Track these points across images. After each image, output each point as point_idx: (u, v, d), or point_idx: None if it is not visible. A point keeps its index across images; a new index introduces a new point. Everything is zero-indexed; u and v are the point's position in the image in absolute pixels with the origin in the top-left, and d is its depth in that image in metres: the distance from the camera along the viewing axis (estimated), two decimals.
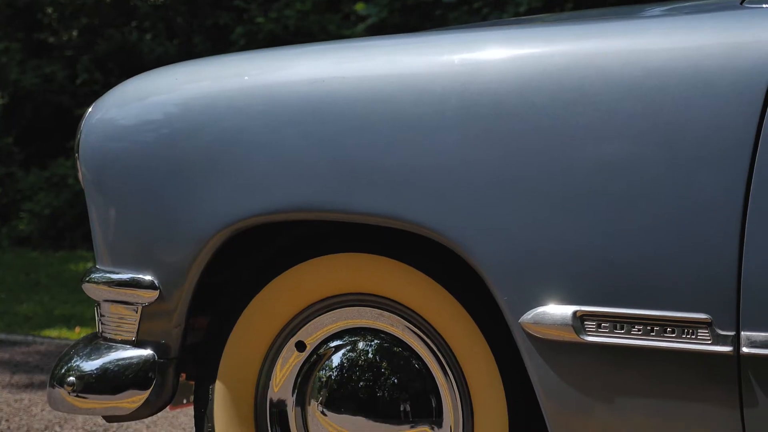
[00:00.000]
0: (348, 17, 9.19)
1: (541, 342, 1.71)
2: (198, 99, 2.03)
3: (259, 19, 9.03)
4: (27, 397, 3.81)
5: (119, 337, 2.12)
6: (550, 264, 1.70)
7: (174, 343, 2.08)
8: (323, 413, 2.00)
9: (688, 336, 1.61)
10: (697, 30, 1.66)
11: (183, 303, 2.04)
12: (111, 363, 2.10)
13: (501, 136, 1.73)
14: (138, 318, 2.08)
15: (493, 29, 1.99)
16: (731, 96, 1.58)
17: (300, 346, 2.04)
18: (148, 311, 2.07)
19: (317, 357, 2.02)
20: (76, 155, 2.18)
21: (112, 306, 2.12)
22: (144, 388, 2.08)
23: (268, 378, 2.07)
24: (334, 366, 2.00)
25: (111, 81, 9.13)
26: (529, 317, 1.71)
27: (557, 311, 1.69)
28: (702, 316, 1.60)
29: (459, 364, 1.91)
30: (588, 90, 1.67)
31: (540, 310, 1.70)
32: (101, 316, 2.15)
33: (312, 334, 2.03)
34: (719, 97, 1.59)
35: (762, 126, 1.56)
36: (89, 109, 2.18)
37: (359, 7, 8.38)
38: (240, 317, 2.07)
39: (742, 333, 1.58)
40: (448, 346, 1.91)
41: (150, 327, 2.08)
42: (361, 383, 1.97)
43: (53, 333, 5.32)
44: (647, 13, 1.93)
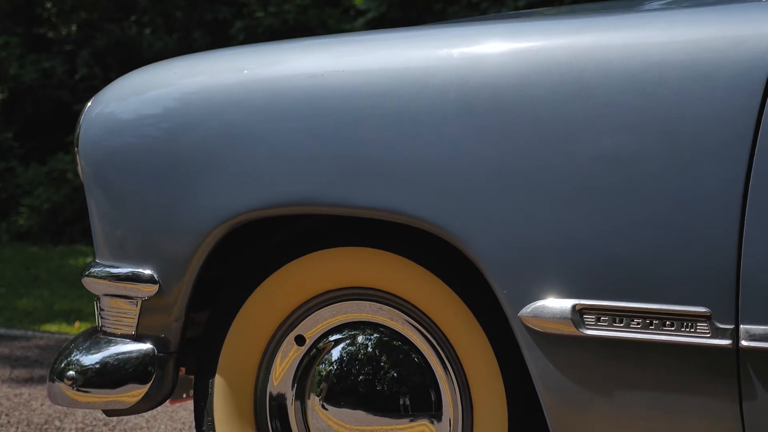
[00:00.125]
0: (347, 12, 9.19)
1: (541, 335, 1.71)
2: (197, 93, 2.02)
3: (259, 14, 9.03)
4: (27, 392, 3.81)
5: (119, 332, 2.12)
6: (549, 257, 1.70)
7: (174, 337, 2.08)
8: (323, 407, 2.00)
9: (687, 329, 1.62)
10: (696, 23, 1.66)
11: (183, 297, 2.04)
12: (111, 357, 2.10)
13: (500, 129, 1.72)
14: (138, 312, 2.08)
15: (493, 23, 1.99)
16: (730, 89, 1.58)
17: (299, 340, 2.04)
18: (147, 305, 2.07)
19: (317, 351, 2.02)
20: (75, 150, 2.18)
21: (111, 300, 2.12)
22: (144, 382, 2.08)
23: (267, 372, 2.07)
24: (333, 360, 2.00)
25: (110, 76, 9.13)
26: (529, 311, 1.71)
27: (556, 305, 1.69)
28: (701, 309, 1.60)
29: (458, 357, 1.91)
30: (588, 83, 1.67)
31: (539, 303, 1.71)
32: (101, 310, 2.15)
33: (311, 328, 2.03)
34: (718, 90, 1.59)
35: (761, 119, 1.56)
36: (88, 104, 2.18)
37: (358, 2, 8.38)
38: (239, 311, 2.07)
39: (741, 326, 1.58)
40: (447, 339, 1.92)
41: (150, 321, 2.08)
42: (361, 377, 1.97)
43: (53, 328, 5.32)
44: (646, 7, 1.93)
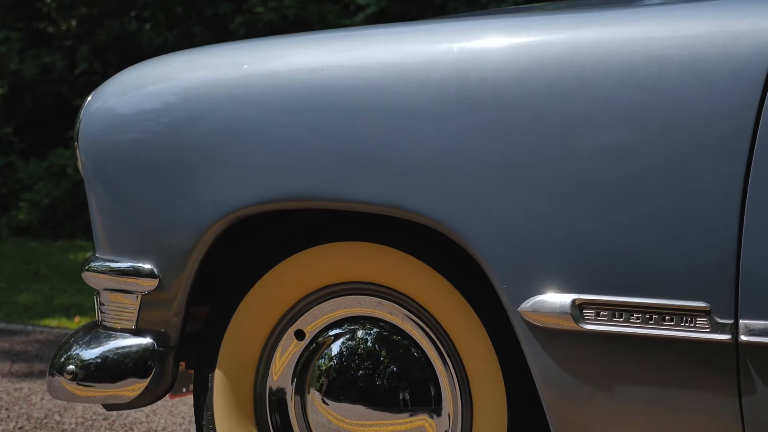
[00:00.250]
0: (347, 7, 9.18)
1: (540, 330, 1.71)
2: (197, 88, 2.02)
3: (259, 9, 9.02)
4: (27, 386, 3.82)
5: (119, 326, 2.12)
6: (548, 252, 1.70)
7: (173, 332, 2.08)
8: (322, 401, 2.00)
9: (686, 324, 1.61)
10: (696, 18, 1.66)
11: (182, 291, 2.04)
12: (111, 351, 2.10)
13: (500, 124, 1.72)
14: (137, 306, 2.09)
15: (493, 18, 1.99)
16: (730, 84, 1.58)
17: (299, 334, 2.04)
18: (147, 300, 2.07)
19: (316, 345, 2.02)
20: (75, 144, 2.18)
21: (111, 294, 2.12)
22: (144, 376, 2.08)
23: (267, 366, 2.07)
24: (333, 354, 2.00)
25: (110, 71, 9.12)
26: (528, 305, 1.71)
27: (556, 299, 1.69)
28: (701, 304, 1.60)
29: (458, 352, 1.91)
30: (587, 78, 1.67)
31: (539, 298, 1.71)
32: (101, 304, 2.15)
33: (311, 322, 2.03)
34: (718, 85, 1.58)
35: (761, 114, 1.56)
36: (88, 99, 2.18)
37: None
38: (239, 306, 2.07)
39: (740, 321, 1.58)
40: (447, 334, 1.92)
41: (149, 315, 2.08)
42: (361, 372, 1.97)
43: (53, 322, 5.32)
44: (646, 2, 1.92)
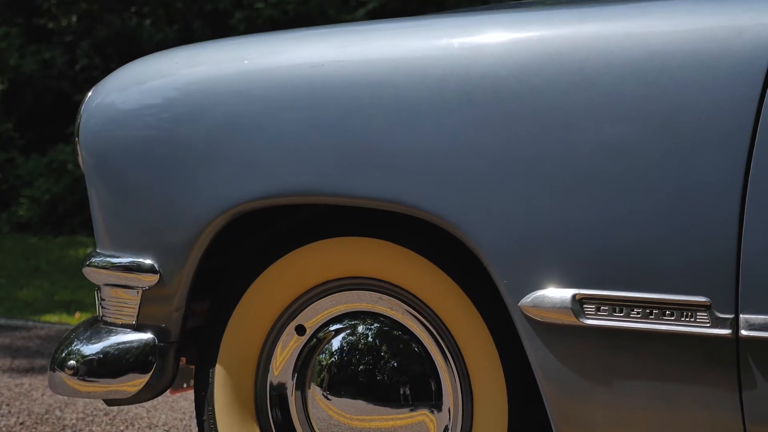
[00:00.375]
0: (348, 2, 9.17)
1: (541, 325, 1.71)
2: (197, 83, 2.02)
3: (259, 5, 9.01)
4: (27, 382, 3.82)
5: (120, 321, 2.12)
6: (549, 247, 1.70)
7: (174, 327, 2.08)
8: (323, 396, 2.00)
9: (687, 319, 1.62)
10: (697, 12, 1.66)
11: (183, 287, 2.04)
12: (111, 347, 2.10)
13: (501, 119, 1.72)
14: (138, 302, 2.09)
15: (493, 13, 1.99)
16: (731, 78, 1.58)
17: (300, 329, 2.04)
18: (148, 295, 2.07)
19: (317, 341, 2.03)
20: (76, 139, 2.18)
21: (112, 290, 2.12)
22: (144, 371, 2.08)
23: (268, 362, 2.08)
24: (334, 349, 2.00)
25: (110, 66, 9.12)
26: (529, 300, 1.71)
27: (556, 294, 1.69)
28: (701, 299, 1.60)
29: (458, 347, 1.91)
30: (589, 73, 1.67)
31: (539, 293, 1.71)
32: (102, 300, 2.15)
33: (312, 317, 2.03)
34: (719, 80, 1.59)
35: (761, 109, 1.56)
36: (89, 94, 2.18)
37: None
38: (240, 301, 2.07)
39: (740, 316, 1.58)
40: (447, 329, 1.92)
41: (150, 311, 2.08)
42: (361, 367, 1.97)
43: (53, 318, 5.33)
44: None
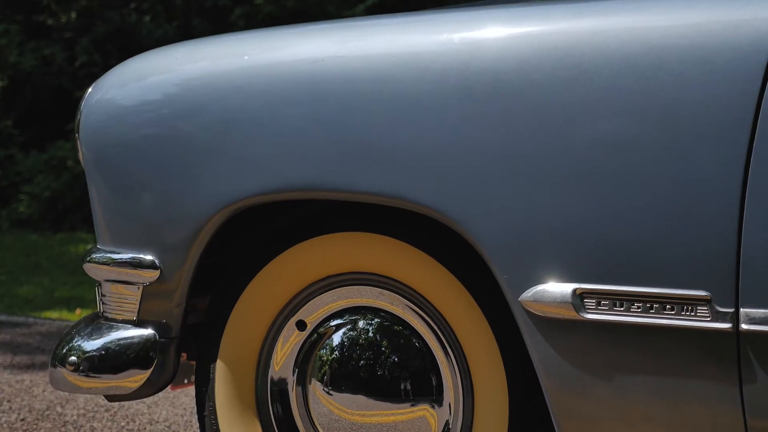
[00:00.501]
0: None
1: (541, 320, 1.71)
2: (198, 79, 2.02)
3: (258, 1, 9.01)
4: (28, 378, 3.82)
5: (120, 317, 2.12)
6: (549, 242, 1.70)
7: (175, 323, 2.08)
8: (324, 392, 2.00)
9: (687, 313, 1.62)
10: (696, 7, 1.66)
11: (184, 282, 2.04)
12: (112, 342, 2.11)
13: (501, 114, 1.72)
14: (139, 298, 2.09)
15: (493, 8, 1.99)
16: (730, 73, 1.58)
17: (300, 325, 2.05)
18: (149, 291, 2.08)
19: (318, 336, 2.03)
20: (76, 136, 2.18)
21: (113, 286, 2.12)
22: (145, 367, 2.08)
23: (268, 357, 2.08)
24: (334, 345, 2.00)
25: (110, 63, 9.10)
26: (529, 295, 1.71)
27: (557, 289, 1.69)
28: (701, 293, 1.61)
29: (459, 342, 1.91)
30: (587, 68, 1.67)
31: (540, 288, 1.71)
32: (102, 296, 2.15)
33: (312, 313, 2.04)
34: (718, 75, 1.59)
35: (761, 103, 1.56)
36: (89, 90, 2.18)
37: None
38: (241, 297, 2.07)
39: (741, 310, 1.58)
40: (448, 324, 1.92)
41: (151, 307, 2.09)
42: (362, 362, 1.97)
43: (54, 314, 5.33)
44: None
